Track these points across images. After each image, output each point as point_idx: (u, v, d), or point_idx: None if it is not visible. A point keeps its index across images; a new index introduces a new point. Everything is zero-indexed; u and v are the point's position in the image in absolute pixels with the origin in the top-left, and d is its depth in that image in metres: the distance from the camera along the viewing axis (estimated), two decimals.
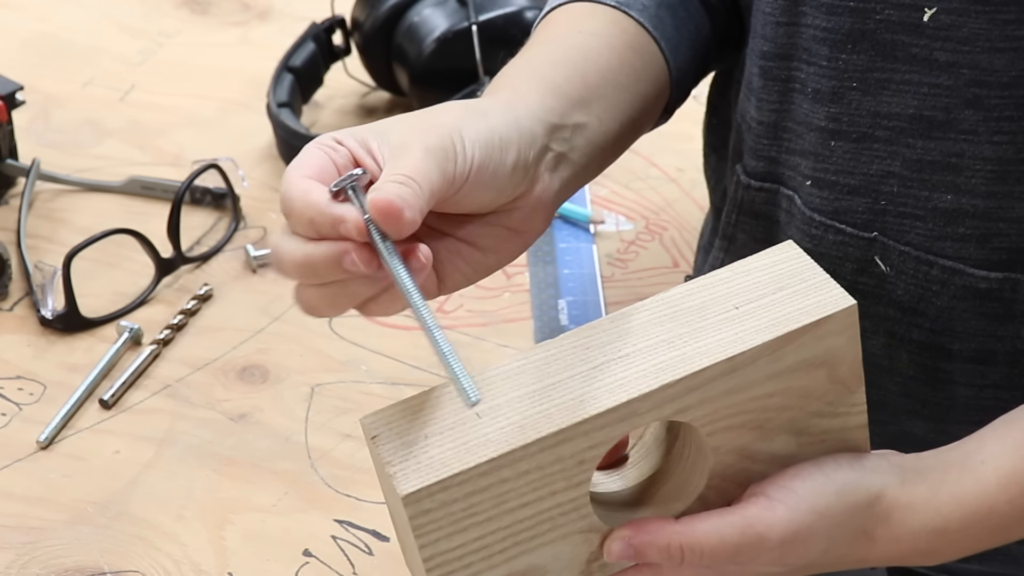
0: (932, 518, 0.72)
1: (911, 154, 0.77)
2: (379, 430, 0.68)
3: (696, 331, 0.71)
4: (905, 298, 0.80)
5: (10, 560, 0.87)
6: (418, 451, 0.68)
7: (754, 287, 0.73)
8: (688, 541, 0.70)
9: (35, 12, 1.36)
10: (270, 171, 1.17)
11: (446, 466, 0.67)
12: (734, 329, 0.71)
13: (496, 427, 0.68)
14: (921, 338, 0.80)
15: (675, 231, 1.13)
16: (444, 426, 0.69)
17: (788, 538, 0.70)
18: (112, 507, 0.90)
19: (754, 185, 0.86)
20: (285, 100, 1.17)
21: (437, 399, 0.70)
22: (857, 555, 0.73)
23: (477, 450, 0.68)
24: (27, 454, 0.94)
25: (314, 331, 1.03)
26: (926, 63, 0.75)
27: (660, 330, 0.71)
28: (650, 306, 0.73)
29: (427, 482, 0.66)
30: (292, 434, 0.95)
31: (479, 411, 0.69)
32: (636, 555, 0.70)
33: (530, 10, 1.18)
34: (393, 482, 0.66)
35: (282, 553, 0.88)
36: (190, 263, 1.08)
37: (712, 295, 0.73)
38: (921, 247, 0.79)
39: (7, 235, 1.09)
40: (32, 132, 1.20)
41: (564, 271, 1.08)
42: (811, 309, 0.72)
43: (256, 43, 1.32)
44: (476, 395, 0.65)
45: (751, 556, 0.70)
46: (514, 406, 0.69)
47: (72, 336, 1.02)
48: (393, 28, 1.19)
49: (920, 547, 0.73)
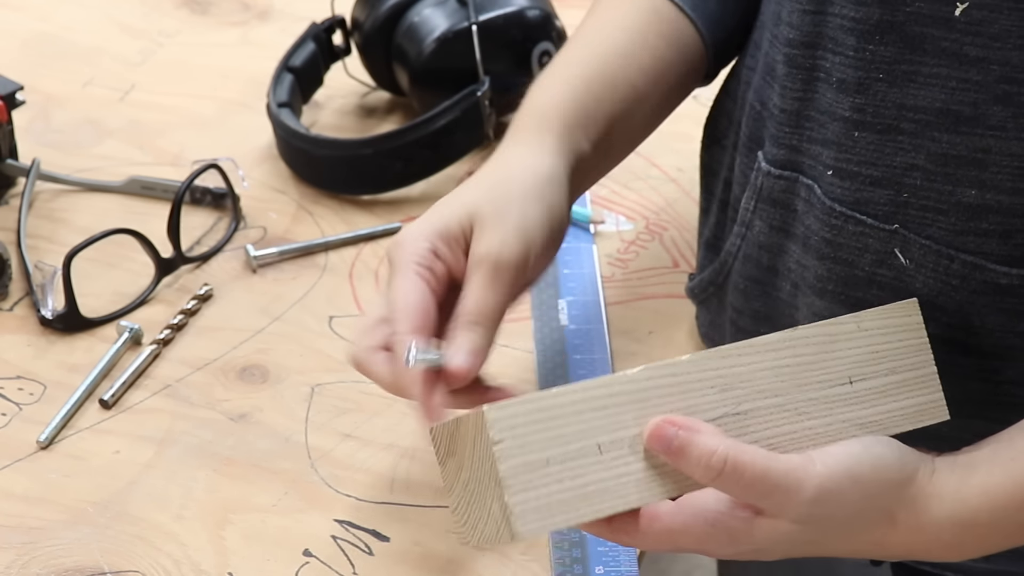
0: (959, 509, 0.72)
1: (936, 148, 0.77)
2: (503, 435, 0.68)
3: (810, 403, 0.73)
4: (924, 292, 0.80)
5: (10, 560, 0.87)
6: (538, 480, 0.68)
7: (871, 357, 0.76)
8: (735, 457, 0.69)
9: (35, 12, 1.36)
10: (270, 171, 1.17)
11: (562, 515, 0.68)
12: (843, 415, 0.74)
13: (615, 474, 0.69)
14: (938, 332, 0.80)
15: (675, 231, 1.13)
16: (567, 453, 0.69)
17: (821, 496, 0.70)
18: (112, 507, 0.90)
19: (774, 173, 0.86)
20: (285, 100, 1.17)
21: (565, 404, 0.70)
22: (875, 538, 0.73)
23: (594, 500, 0.69)
24: (27, 454, 0.94)
25: (314, 331, 1.03)
26: (955, 57, 0.75)
27: (779, 383, 0.73)
28: (775, 345, 0.74)
29: (542, 528, 0.68)
30: (292, 434, 0.95)
31: (601, 443, 0.69)
32: (676, 448, 0.70)
33: (530, 10, 1.17)
34: (510, 514, 0.67)
35: (282, 553, 0.88)
36: (190, 263, 1.08)
37: (832, 351, 0.75)
38: (942, 241, 0.78)
39: (7, 235, 1.09)
40: (32, 132, 1.20)
41: (564, 271, 1.07)
42: (912, 415, 0.75)
43: (256, 43, 1.32)
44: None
45: (782, 501, 0.70)
46: (635, 446, 0.70)
47: (72, 336, 1.02)
48: (393, 28, 1.19)
49: (944, 539, 0.73)
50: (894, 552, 0.75)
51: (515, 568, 0.87)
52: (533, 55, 1.18)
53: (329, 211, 1.14)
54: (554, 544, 0.88)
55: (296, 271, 1.08)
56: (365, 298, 1.06)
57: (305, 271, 1.08)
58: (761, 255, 0.88)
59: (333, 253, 1.10)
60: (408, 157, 1.13)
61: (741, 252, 0.90)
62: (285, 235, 1.11)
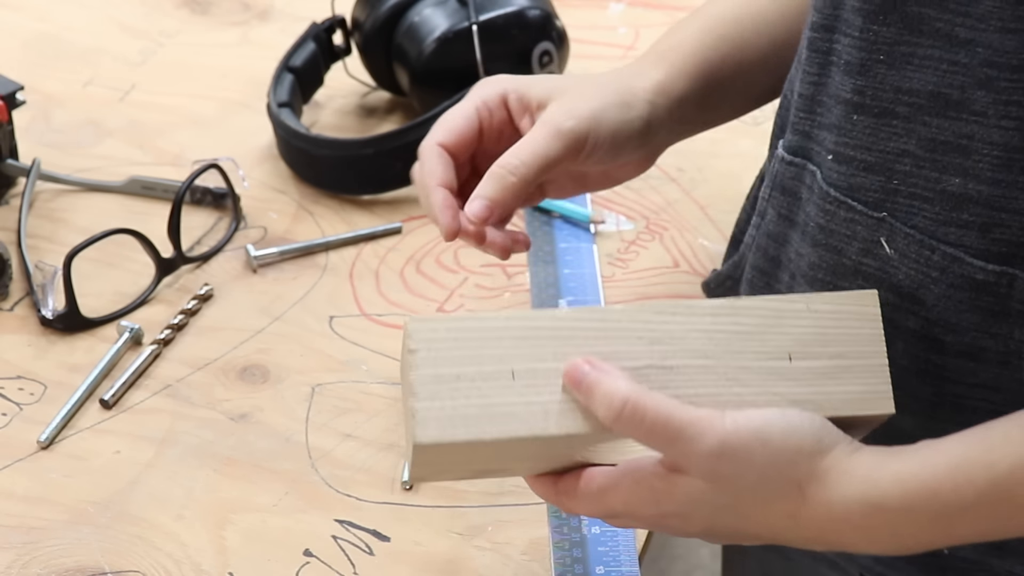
0: (868, 489, 0.72)
1: (926, 132, 0.77)
2: (419, 345, 0.70)
3: (740, 370, 0.73)
4: (905, 283, 0.80)
5: (11, 560, 0.87)
6: (445, 393, 0.70)
7: (817, 338, 0.75)
8: (637, 399, 0.71)
9: (35, 12, 1.36)
10: (270, 171, 1.17)
11: (464, 428, 0.70)
12: (774, 388, 0.73)
13: (524, 400, 0.70)
14: (916, 327, 0.80)
15: (675, 231, 1.13)
16: (480, 373, 0.70)
17: (725, 451, 0.71)
18: (113, 507, 0.90)
19: (787, 159, 0.86)
20: (285, 100, 1.17)
21: (486, 328, 0.72)
22: (788, 509, 0.73)
23: (499, 421, 0.70)
24: (28, 454, 0.94)
25: (314, 331, 1.03)
26: (947, 39, 0.75)
27: (711, 347, 0.73)
28: (715, 310, 0.74)
29: (442, 438, 0.69)
30: (292, 434, 0.95)
31: (516, 370, 0.70)
32: (585, 385, 0.72)
33: (530, 10, 1.17)
34: (415, 417, 0.69)
35: (283, 553, 0.88)
36: (190, 263, 1.08)
37: (775, 326, 0.74)
38: (926, 231, 0.78)
39: (7, 235, 1.09)
40: (32, 132, 1.20)
41: (564, 271, 1.07)
42: (854, 401, 0.74)
43: (256, 43, 1.32)
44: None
45: (684, 451, 0.71)
46: (547, 378, 0.71)
47: (72, 336, 1.02)
48: (393, 28, 1.19)
49: (854, 520, 0.72)
50: (808, 532, 0.74)
51: (515, 568, 0.87)
52: (533, 55, 1.18)
53: (329, 211, 1.14)
54: (555, 544, 0.88)
55: (296, 271, 1.08)
56: (365, 298, 1.06)
57: (305, 271, 1.08)
58: (769, 245, 0.89)
59: (333, 253, 1.10)
60: (408, 157, 1.12)
61: (755, 243, 0.90)
62: (285, 235, 1.11)
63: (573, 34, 1.21)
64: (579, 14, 1.32)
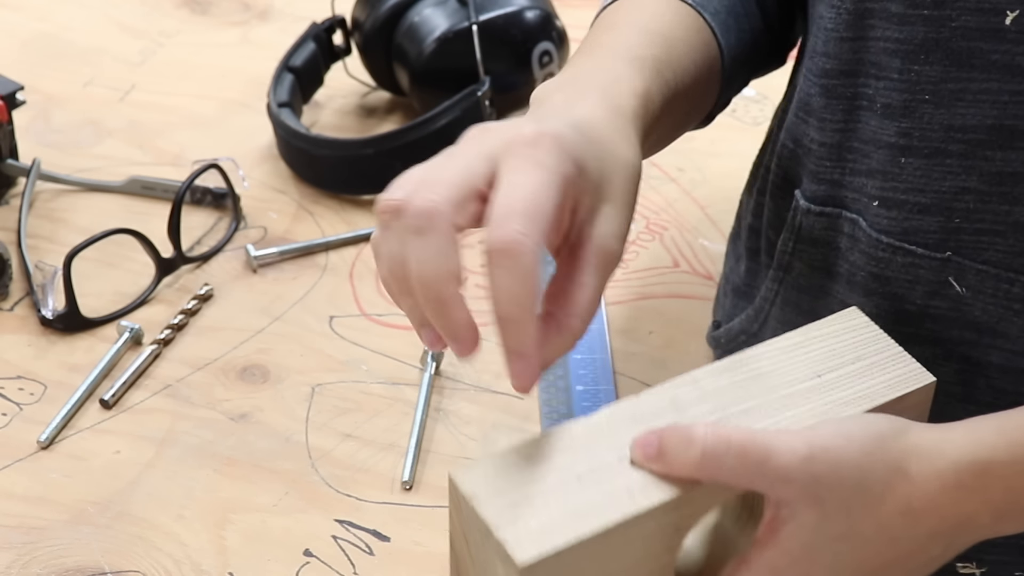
0: (975, 448, 0.69)
1: (989, 167, 0.75)
2: (477, 488, 0.67)
3: (784, 398, 0.73)
4: (983, 319, 0.78)
5: (11, 560, 0.87)
6: (523, 514, 0.67)
7: (831, 355, 0.75)
8: (716, 430, 0.67)
9: (35, 12, 1.36)
10: (270, 171, 1.17)
11: (560, 534, 0.66)
12: (823, 399, 0.73)
13: (602, 491, 0.68)
14: (1001, 361, 0.78)
15: (675, 231, 1.13)
16: (546, 487, 0.68)
17: (815, 451, 0.67)
18: (113, 507, 0.90)
19: (814, 210, 0.83)
20: (285, 100, 1.18)
21: (529, 456, 0.69)
22: (898, 505, 0.68)
23: (588, 516, 0.67)
24: (28, 454, 0.94)
25: (314, 331, 1.03)
26: (1007, 69, 0.73)
27: (746, 393, 0.73)
28: (728, 367, 0.74)
29: (544, 551, 0.65)
30: (292, 434, 0.95)
31: (579, 473, 0.69)
32: (658, 447, 0.68)
33: (530, 10, 1.18)
34: (505, 548, 0.65)
35: (283, 553, 0.88)
36: (190, 263, 1.08)
37: (788, 360, 0.75)
38: (1001, 264, 0.76)
39: (7, 235, 1.09)
40: (32, 132, 1.20)
41: None
42: (895, 383, 0.74)
43: (256, 43, 1.32)
44: None
45: (777, 466, 0.67)
46: (615, 468, 0.69)
47: (72, 336, 1.02)
48: (393, 28, 1.19)
49: (968, 483, 0.68)
50: (930, 522, 0.69)
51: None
52: (533, 55, 1.18)
53: (329, 211, 1.14)
54: None
55: (296, 271, 1.08)
56: (365, 298, 1.06)
57: (305, 271, 1.08)
58: (802, 299, 0.86)
59: (333, 253, 1.10)
60: (408, 157, 1.13)
61: (779, 297, 0.87)
62: (285, 235, 1.11)
63: (573, 34, 1.21)
64: (579, 14, 1.32)
